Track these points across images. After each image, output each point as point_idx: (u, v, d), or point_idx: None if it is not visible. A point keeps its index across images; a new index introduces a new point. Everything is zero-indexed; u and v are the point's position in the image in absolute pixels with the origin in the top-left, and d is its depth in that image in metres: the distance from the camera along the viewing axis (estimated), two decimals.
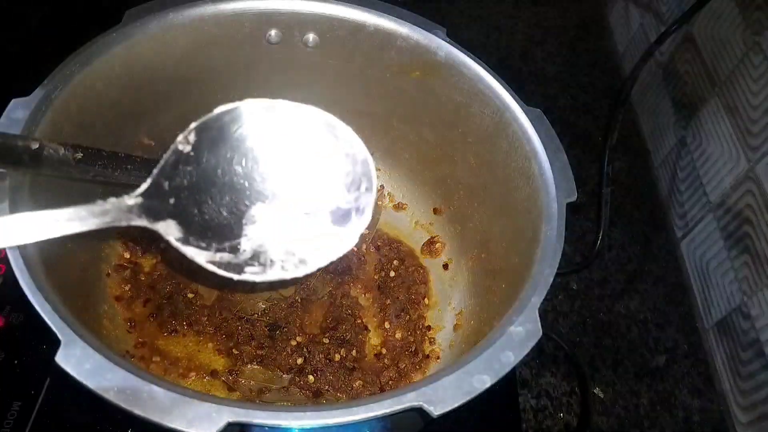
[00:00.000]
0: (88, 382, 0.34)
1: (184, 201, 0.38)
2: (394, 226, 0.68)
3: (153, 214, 0.37)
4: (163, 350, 0.55)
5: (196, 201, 0.38)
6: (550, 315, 0.70)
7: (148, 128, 0.58)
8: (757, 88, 0.66)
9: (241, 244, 0.39)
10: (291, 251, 0.39)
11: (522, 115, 0.53)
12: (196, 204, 0.38)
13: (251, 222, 0.39)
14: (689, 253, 0.76)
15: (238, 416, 0.34)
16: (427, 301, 0.63)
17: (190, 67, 0.57)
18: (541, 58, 0.98)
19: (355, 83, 0.61)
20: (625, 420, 0.64)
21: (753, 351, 0.63)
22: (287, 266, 0.39)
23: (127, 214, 0.36)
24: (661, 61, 0.85)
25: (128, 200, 0.37)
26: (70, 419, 0.52)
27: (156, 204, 0.37)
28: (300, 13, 0.56)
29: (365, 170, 0.39)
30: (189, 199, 0.38)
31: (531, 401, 0.64)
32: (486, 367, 0.38)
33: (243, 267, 0.39)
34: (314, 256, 0.39)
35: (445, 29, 0.57)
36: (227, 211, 0.39)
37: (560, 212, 0.47)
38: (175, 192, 0.38)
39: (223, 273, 0.38)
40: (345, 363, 0.56)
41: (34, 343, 0.55)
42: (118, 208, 0.36)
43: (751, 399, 0.63)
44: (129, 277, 0.58)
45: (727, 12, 0.72)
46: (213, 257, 0.38)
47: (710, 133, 0.73)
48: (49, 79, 0.47)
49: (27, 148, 0.39)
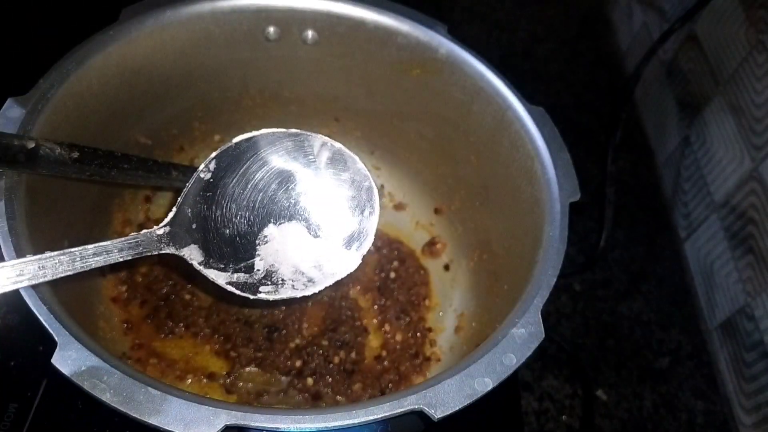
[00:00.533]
0: (85, 384, 0.34)
1: (205, 226, 0.42)
2: (394, 226, 0.67)
3: (179, 241, 0.41)
4: (159, 352, 0.55)
5: (215, 225, 0.42)
6: (552, 317, 0.70)
7: (144, 127, 0.58)
8: (761, 86, 0.65)
9: (255, 264, 0.42)
10: (300, 271, 0.43)
11: (524, 114, 0.52)
12: (215, 228, 0.42)
13: (263, 242, 0.43)
14: (693, 254, 0.76)
15: (236, 419, 0.34)
16: (428, 303, 0.62)
17: (187, 65, 0.56)
18: (544, 56, 0.98)
19: (354, 81, 0.61)
20: (628, 422, 0.64)
21: (757, 353, 0.62)
22: (297, 285, 0.43)
23: (157, 243, 0.40)
24: (665, 60, 0.85)
25: (158, 231, 0.40)
26: (67, 421, 0.52)
27: (181, 231, 0.41)
28: (299, 9, 0.56)
29: (369, 197, 0.43)
30: (209, 224, 0.42)
31: (533, 404, 0.63)
32: (488, 369, 0.38)
33: (258, 287, 0.42)
34: (321, 275, 0.43)
35: (446, 26, 0.56)
36: (243, 233, 0.43)
37: (563, 212, 0.47)
38: (197, 218, 0.42)
39: (240, 293, 0.42)
40: (344, 365, 0.56)
41: (30, 344, 0.55)
42: (150, 240, 0.39)
43: (755, 401, 0.62)
44: (125, 279, 0.58)
45: (730, 10, 0.71)
46: (231, 278, 0.42)
47: (714, 132, 0.73)
48: (45, 78, 0.47)
49: (23, 147, 0.39)
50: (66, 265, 0.36)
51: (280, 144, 0.42)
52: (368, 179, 0.43)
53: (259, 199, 0.42)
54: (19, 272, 0.34)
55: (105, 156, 0.44)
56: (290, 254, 0.43)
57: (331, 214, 0.43)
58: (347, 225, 0.43)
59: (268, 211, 0.43)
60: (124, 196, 0.60)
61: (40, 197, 0.44)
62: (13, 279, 0.34)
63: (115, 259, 0.38)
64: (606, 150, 0.73)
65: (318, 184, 0.43)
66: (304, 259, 0.43)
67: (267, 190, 0.43)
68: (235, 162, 0.42)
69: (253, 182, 0.42)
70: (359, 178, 0.43)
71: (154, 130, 0.59)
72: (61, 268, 0.36)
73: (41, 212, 0.44)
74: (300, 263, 0.43)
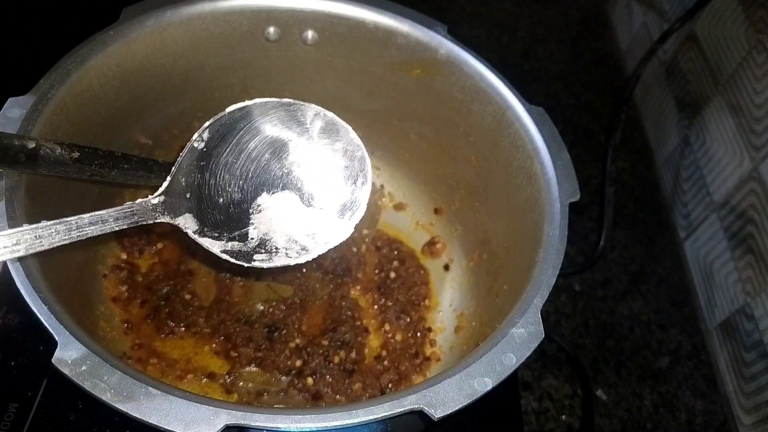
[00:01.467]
0: (85, 384, 0.34)
1: (198, 195, 0.42)
2: (394, 226, 0.67)
3: (173, 210, 0.41)
4: (160, 352, 0.55)
5: (209, 194, 0.42)
6: (552, 316, 0.70)
7: (144, 127, 0.58)
8: (760, 87, 0.65)
9: (249, 233, 0.42)
10: (293, 239, 0.43)
11: (524, 114, 0.52)
12: (209, 196, 0.42)
13: (257, 211, 0.43)
14: (692, 254, 0.76)
15: (236, 419, 0.34)
16: (428, 303, 0.62)
17: (187, 65, 0.57)
18: (543, 56, 0.98)
19: (354, 81, 0.61)
20: (628, 422, 0.64)
21: (756, 352, 0.62)
22: (291, 253, 0.43)
23: (152, 212, 0.40)
24: (664, 60, 0.85)
25: (153, 200, 0.40)
26: (67, 421, 0.52)
27: (176, 200, 0.41)
28: (299, 10, 0.56)
29: (362, 167, 0.43)
30: (203, 193, 0.42)
31: (533, 404, 0.63)
32: (487, 369, 0.38)
33: (252, 255, 0.42)
34: (314, 243, 0.43)
35: (446, 26, 0.56)
36: (236, 201, 0.43)
37: (563, 212, 0.47)
38: (191, 187, 0.41)
39: (235, 261, 0.42)
40: (344, 365, 0.56)
41: (30, 344, 0.54)
42: (144, 209, 0.39)
43: (754, 401, 0.62)
44: (126, 278, 0.58)
45: (729, 10, 0.71)
46: (225, 246, 0.42)
47: (714, 132, 0.73)
48: (46, 78, 0.47)
49: (23, 147, 0.39)
50: (63, 234, 0.35)
51: (273, 113, 0.42)
52: (361, 149, 0.43)
53: (252, 168, 0.42)
54: (15, 241, 0.34)
55: (105, 156, 0.44)
56: (284, 223, 0.43)
57: (324, 184, 0.43)
58: (340, 194, 0.43)
59: (262, 180, 0.43)
60: (125, 196, 0.60)
61: (41, 197, 0.44)
62: (10, 248, 0.34)
63: (111, 228, 0.37)
64: (606, 150, 0.73)
65: (311, 154, 0.43)
66: (297, 227, 0.43)
67: (260, 159, 0.42)
68: (228, 131, 0.42)
69: (247, 151, 0.42)
70: (352, 148, 0.43)
71: (154, 130, 0.59)
72: (57, 237, 0.35)
73: (41, 212, 0.44)
74: (293, 232, 0.43)
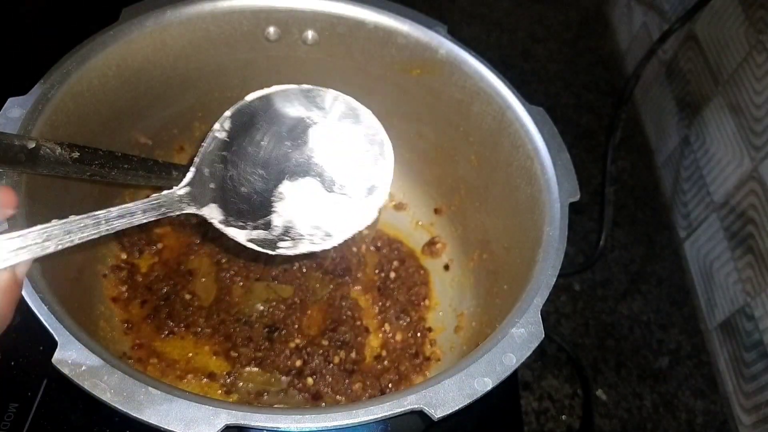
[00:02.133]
0: (85, 384, 0.34)
1: (222, 184, 0.41)
2: (394, 226, 0.67)
3: (199, 201, 0.40)
4: (160, 352, 0.55)
5: (232, 183, 0.42)
6: (552, 316, 0.70)
7: (145, 127, 0.58)
8: (760, 87, 0.65)
9: (273, 220, 0.42)
10: (317, 225, 0.43)
11: (524, 114, 0.52)
12: (232, 186, 0.42)
13: (279, 199, 0.43)
14: (692, 254, 0.76)
15: (236, 419, 0.34)
16: (428, 303, 0.62)
17: (187, 65, 0.57)
18: (543, 56, 0.98)
19: (354, 81, 0.61)
20: (628, 422, 0.64)
21: (756, 352, 0.62)
22: (315, 240, 0.43)
23: (178, 203, 0.39)
24: (664, 60, 0.85)
25: (179, 191, 0.40)
26: (67, 421, 0.52)
27: (200, 191, 0.41)
28: (299, 10, 0.56)
29: (382, 150, 0.43)
30: (226, 182, 0.42)
31: (533, 404, 0.63)
32: (487, 369, 0.38)
33: (276, 242, 0.42)
34: (338, 229, 0.43)
35: (446, 26, 0.56)
36: (259, 190, 0.42)
37: (563, 212, 0.47)
38: (215, 177, 0.41)
39: (261, 250, 0.42)
40: (344, 365, 0.56)
41: (30, 344, 0.54)
42: (171, 200, 0.39)
43: (754, 401, 0.62)
44: (126, 278, 0.58)
45: (729, 10, 0.71)
46: (251, 235, 0.42)
47: (714, 132, 0.73)
48: (46, 78, 0.47)
49: (23, 147, 0.39)
50: (92, 229, 0.35)
51: (293, 100, 0.42)
52: (381, 132, 0.43)
53: (274, 156, 0.42)
54: (45, 237, 0.33)
55: (105, 156, 0.44)
56: (306, 209, 0.43)
57: (346, 168, 0.43)
58: (362, 178, 0.43)
59: (283, 167, 0.43)
60: (125, 197, 0.60)
61: (41, 197, 0.44)
62: (40, 244, 0.33)
63: (139, 221, 0.37)
64: (606, 150, 0.73)
65: (331, 139, 0.43)
66: (320, 213, 0.43)
67: (281, 146, 0.42)
68: (249, 120, 0.42)
69: (268, 139, 0.42)
70: (372, 132, 0.43)
71: (154, 130, 0.59)
72: (87, 231, 0.35)
73: (41, 212, 0.44)
74: (316, 218, 0.43)
